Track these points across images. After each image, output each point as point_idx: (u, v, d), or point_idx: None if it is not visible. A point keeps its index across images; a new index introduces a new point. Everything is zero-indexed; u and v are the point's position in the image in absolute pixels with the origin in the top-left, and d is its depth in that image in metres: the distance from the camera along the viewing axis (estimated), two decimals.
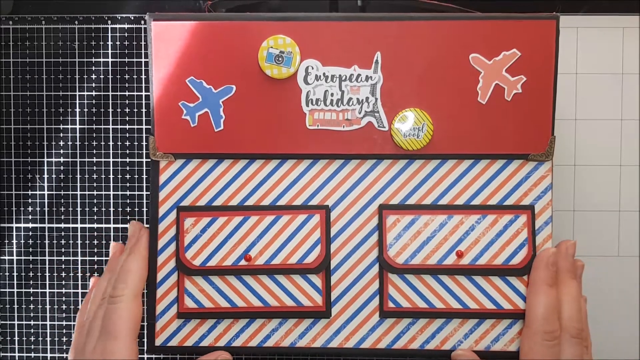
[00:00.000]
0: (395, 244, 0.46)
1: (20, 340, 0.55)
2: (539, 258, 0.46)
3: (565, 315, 0.45)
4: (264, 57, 0.45)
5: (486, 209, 0.46)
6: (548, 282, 0.45)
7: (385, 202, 0.47)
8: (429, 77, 0.46)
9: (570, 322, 0.45)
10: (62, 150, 0.54)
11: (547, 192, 0.46)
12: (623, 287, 0.54)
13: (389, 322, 0.47)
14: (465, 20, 0.45)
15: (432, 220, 0.46)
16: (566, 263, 0.46)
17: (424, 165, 0.47)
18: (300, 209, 0.47)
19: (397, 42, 0.46)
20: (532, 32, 0.45)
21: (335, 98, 0.46)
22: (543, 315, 0.44)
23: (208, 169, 0.47)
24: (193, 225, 0.47)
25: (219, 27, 0.46)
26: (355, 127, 0.46)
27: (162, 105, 0.46)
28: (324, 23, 0.46)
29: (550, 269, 0.45)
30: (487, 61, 0.45)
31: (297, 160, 0.47)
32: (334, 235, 0.47)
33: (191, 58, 0.46)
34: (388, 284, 0.46)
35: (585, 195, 0.54)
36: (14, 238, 0.55)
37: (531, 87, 0.46)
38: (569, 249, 0.46)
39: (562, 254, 0.46)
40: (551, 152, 0.46)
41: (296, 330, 0.47)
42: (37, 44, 0.54)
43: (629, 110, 0.54)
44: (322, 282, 0.46)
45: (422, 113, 0.46)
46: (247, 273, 0.46)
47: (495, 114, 0.46)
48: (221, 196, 0.47)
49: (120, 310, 0.45)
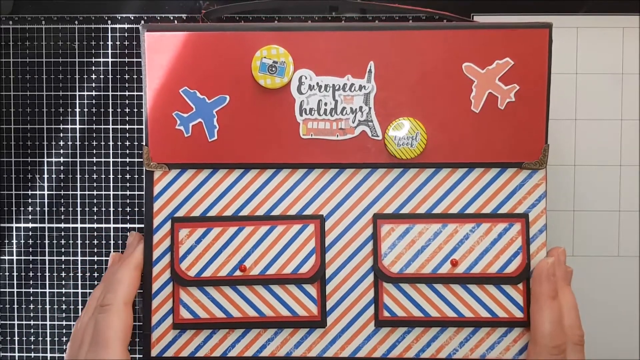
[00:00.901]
0: (390, 253, 0.46)
1: (20, 340, 0.55)
2: (538, 270, 0.45)
3: (567, 324, 0.45)
4: (257, 67, 0.45)
5: (480, 218, 0.46)
6: (551, 294, 0.45)
7: (380, 211, 0.47)
8: (422, 86, 0.46)
9: (572, 330, 0.45)
10: (62, 150, 0.54)
11: (541, 200, 0.46)
12: (623, 287, 0.54)
13: (385, 331, 0.47)
14: (458, 29, 0.45)
15: (426, 229, 0.46)
16: (562, 271, 0.46)
17: (418, 174, 0.47)
18: (295, 219, 0.47)
19: (391, 51, 0.45)
20: (525, 41, 0.45)
21: (329, 107, 0.46)
22: (550, 331, 0.44)
23: (202, 180, 0.47)
24: (188, 235, 0.47)
25: (212, 37, 0.46)
26: (349, 136, 0.46)
27: (156, 116, 0.46)
28: (317, 33, 0.46)
29: (551, 280, 0.45)
30: (481, 70, 0.45)
31: (291, 170, 0.47)
32: (329, 244, 0.47)
33: (185, 68, 0.46)
34: (383, 293, 0.46)
35: (585, 196, 0.54)
36: (14, 238, 0.55)
37: (524, 95, 0.45)
38: (561, 256, 0.46)
39: (557, 262, 0.46)
40: (545, 160, 0.46)
41: (292, 339, 0.47)
42: (37, 44, 0.54)
43: (629, 110, 0.54)
44: (317, 292, 0.47)
45: (416, 122, 0.46)
46: (242, 283, 0.47)
47: (488, 123, 0.46)
48: (216, 206, 0.47)
49: (109, 319, 0.45)
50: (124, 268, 0.47)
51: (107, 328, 0.44)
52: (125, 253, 0.48)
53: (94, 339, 0.45)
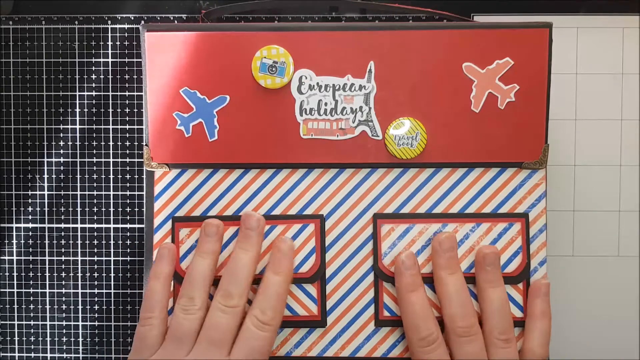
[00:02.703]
0: (390, 253, 0.46)
1: (20, 340, 0.55)
2: (396, 264, 0.46)
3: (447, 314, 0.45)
4: (257, 67, 0.45)
5: (480, 217, 0.46)
6: (409, 288, 0.45)
7: (380, 211, 0.47)
8: (422, 86, 0.46)
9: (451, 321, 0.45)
10: (62, 150, 0.54)
11: (541, 199, 0.46)
12: (623, 287, 0.54)
13: (385, 330, 0.47)
14: (459, 29, 0.45)
15: (426, 228, 0.46)
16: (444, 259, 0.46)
17: (418, 174, 0.47)
18: (295, 219, 0.47)
19: (391, 51, 0.45)
20: (525, 40, 0.45)
21: (329, 107, 0.46)
22: (409, 325, 0.45)
23: (203, 179, 0.47)
24: (188, 235, 0.47)
25: (212, 37, 0.46)
26: (349, 136, 0.46)
27: (156, 116, 0.46)
28: (318, 33, 0.46)
29: (405, 275, 0.45)
30: (481, 70, 0.45)
31: (292, 170, 0.47)
32: (329, 244, 0.47)
33: (185, 68, 0.46)
34: (383, 293, 0.47)
35: (585, 196, 0.54)
36: (14, 238, 0.55)
37: (524, 95, 0.45)
38: (443, 244, 0.46)
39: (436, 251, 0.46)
40: (545, 159, 0.46)
41: (292, 339, 0.47)
42: (37, 44, 0.54)
43: (629, 110, 0.54)
44: (317, 292, 0.47)
45: (416, 122, 0.46)
46: None
47: (488, 123, 0.46)
48: (216, 206, 0.47)
49: (271, 339, 0.44)
50: (288, 284, 0.46)
51: (268, 347, 0.44)
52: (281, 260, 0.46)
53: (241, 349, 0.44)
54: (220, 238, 0.46)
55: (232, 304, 0.44)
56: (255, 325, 0.44)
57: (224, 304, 0.44)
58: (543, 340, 0.45)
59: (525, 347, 0.45)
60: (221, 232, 0.46)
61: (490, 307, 0.45)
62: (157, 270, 0.46)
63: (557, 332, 0.54)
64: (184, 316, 0.44)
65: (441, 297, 0.45)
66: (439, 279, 0.45)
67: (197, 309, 0.44)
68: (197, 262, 0.45)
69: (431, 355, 0.44)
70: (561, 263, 0.54)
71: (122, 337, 0.55)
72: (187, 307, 0.44)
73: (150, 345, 0.44)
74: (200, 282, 0.45)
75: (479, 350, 0.44)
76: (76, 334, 0.55)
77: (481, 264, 0.45)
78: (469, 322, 0.44)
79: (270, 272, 0.45)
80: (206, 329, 0.44)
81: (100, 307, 0.55)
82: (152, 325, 0.44)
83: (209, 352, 0.43)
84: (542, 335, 0.45)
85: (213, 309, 0.44)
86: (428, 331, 0.44)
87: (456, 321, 0.44)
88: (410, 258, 0.45)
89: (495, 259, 0.45)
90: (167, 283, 0.46)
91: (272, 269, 0.45)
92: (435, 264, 0.45)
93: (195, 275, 0.45)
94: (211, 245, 0.46)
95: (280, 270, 0.45)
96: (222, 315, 0.44)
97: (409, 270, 0.45)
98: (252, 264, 0.45)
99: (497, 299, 0.45)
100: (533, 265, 0.46)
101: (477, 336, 0.44)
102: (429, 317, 0.44)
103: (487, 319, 0.45)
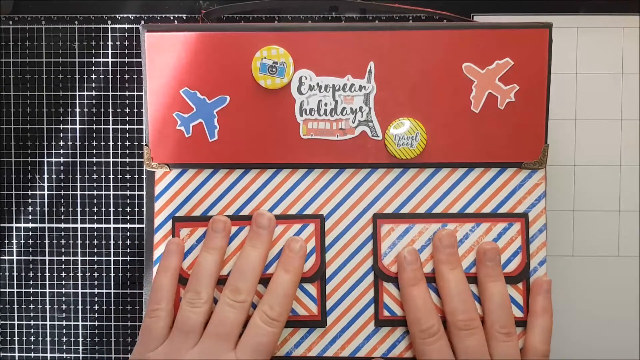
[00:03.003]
0: (389, 253, 0.46)
1: (20, 340, 0.55)
2: (399, 260, 0.46)
3: (448, 310, 0.45)
4: (257, 68, 0.45)
5: (480, 217, 0.46)
6: (411, 283, 0.45)
7: (380, 211, 0.47)
8: (422, 86, 0.46)
9: (452, 315, 0.45)
10: (62, 150, 0.54)
11: (540, 199, 0.46)
12: (623, 287, 0.54)
13: (385, 330, 0.47)
14: (458, 29, 0.45)
15: (426, 228, 0.46)
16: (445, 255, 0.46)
17: (417, 174, 0.47)
18: (295, 219, 0.47)
19: (391, 51, 0.45)
20: (525, 41, 0.45)
21: (329, 108, 0.46)
22: (412, 319, 0.45)
23: (203, 179, 0.47)
24: (189, 235, 0.47)
25: (212, 37, 0.46)
26: (349, 136, 0.46)
27: (156, 116, 0.46)
28: (318, 33, 0.46)
29: (407, 270, 0.45)
30: (480, 70, 0.45)
31: (292, 170, 0.47)
32: (329, 244, 0.47)
33: (185, 69, 0.46)
34: (383, 293, 0.47)
35: (585, 196, 0.54)
36: (14, 238, 0.55)
37: (524, 95, 0.45)
38: (444, 240, 0.46)
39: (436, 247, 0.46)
40: (544, 160, 0.46)
41: (292, 339, 0.47)
42: (37, 44, 0.54)
43: (628, 110, 0.54)
44: (317, 291, 0.47)
45: (416, 122, 0.46)
46: None
47: (488, 123, 0.46)
48: (216, 206, 0.47)
49: (275, 335, 0.44)
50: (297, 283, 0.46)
51: (274, 343, 0.44)
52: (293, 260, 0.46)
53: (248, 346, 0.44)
54: (228, 234, 0.46)
55: (240, 299, 0.44)
56: (263, 320, 0.44)
57: (232, 298, 0.44)
58: (545, 337, 0.45)
59: (527, 344, 0.45)
60: (228, 228, 0.46)
61: (491, 301, 0.45)
62: (165, 264, 0.46)
63: (557, 332, 0.54)
64: (191, 309, 0.44)
65: (442, 292, 0.45)
66: (440, 274, 0.45)
67: (203, 303, 0.44)
68: (204, 257, 0.46)
69: (432, 347, 0.44)
70: (561, 263, 0.54)
71: (122, 337, 0.55)
72: (194, 301, 0.44)
73: (156, 337, 0.44)
74: (206, 276, 0.45)
75: (480, 343, 0.44)
76: (76, 334, 0.55)
77: (482, 260, 0.45)
78: (469, 315, 0.44)
79: (281, 270, 0.46)
80: (213, 323, 0.44)
81: (100, 307, 0.55)
82: (159, 317, 0.45)
83: (215, 345, 0.43)
84: (544, 332, 0.45)
85: (221, 304, 0.45)
86: (429, 323, 0.44)
87: (457, 315, 0.44)
88: (412, 254, 0.46)
89: (495, 254, 0.45)
90: (174, 277, 0.46)
91: (283, 267, 0.46)
92: (436, 259, 0.46)
93: (202, 270, 0.45)
94: (218, 241, 0.46)
95: (291, 268, 0.45)
96: (230, 310, 0.44)
97: (411, 265, 0.45)
98: (261, 261, 0.46)
99: (497, 293, 0.45)
100: (533, 265, 0.46)
101: (478, 329, 0.44)
102: (430, 310, 0.45)
103: (488, 313, 0.45)
